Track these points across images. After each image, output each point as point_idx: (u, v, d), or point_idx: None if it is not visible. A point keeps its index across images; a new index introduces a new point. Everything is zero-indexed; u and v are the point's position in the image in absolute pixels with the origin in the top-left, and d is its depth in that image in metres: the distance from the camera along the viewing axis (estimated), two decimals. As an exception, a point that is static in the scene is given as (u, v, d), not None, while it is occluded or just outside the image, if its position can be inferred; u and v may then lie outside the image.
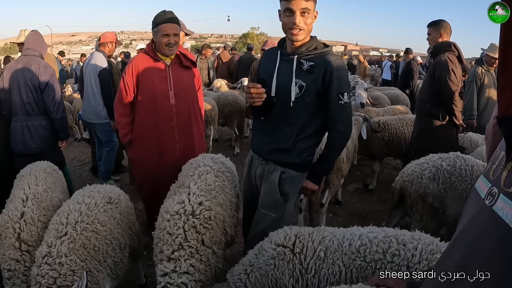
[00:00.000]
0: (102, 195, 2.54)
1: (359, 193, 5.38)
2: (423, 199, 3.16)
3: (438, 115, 4.07)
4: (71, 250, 2.14)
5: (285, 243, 1.93)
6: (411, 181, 3.21)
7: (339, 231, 1.98)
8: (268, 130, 2.40)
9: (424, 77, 4.42)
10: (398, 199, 3.40)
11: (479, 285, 0.76)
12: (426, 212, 3.19)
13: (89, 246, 2.24)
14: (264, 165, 2.46)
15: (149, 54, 3.33)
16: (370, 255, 1.78)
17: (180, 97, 3.39)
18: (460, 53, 4.02)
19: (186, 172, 2.72)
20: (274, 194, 2.38)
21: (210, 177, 2.60)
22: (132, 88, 3.32)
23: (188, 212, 2.20)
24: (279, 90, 2.28)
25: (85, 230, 2.25)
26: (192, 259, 2.07)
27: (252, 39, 60.82)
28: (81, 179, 5.81)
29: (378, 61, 24.74)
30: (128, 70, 3.31)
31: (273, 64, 2.33)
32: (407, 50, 10.60)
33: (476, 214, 0.89)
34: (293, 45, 2.26)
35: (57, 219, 2.30)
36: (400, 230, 1.93)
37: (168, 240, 2.10)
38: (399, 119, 5.24)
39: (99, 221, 2.35)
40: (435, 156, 3.27)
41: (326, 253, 1.85)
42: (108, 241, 2.38)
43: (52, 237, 2.18)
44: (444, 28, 4.11)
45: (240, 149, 7.21)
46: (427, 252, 1.73)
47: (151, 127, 3.36)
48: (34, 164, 3.02)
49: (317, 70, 2.19)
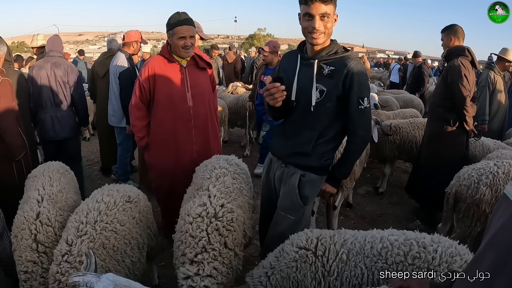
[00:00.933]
0: (121, 194, 2.55)
1: (370, 196, 5.39)
2: (477, 205, 3.14)
3: (450, 120, 4.06)
4: (90, 249, 2.11)
5: (307, 245, 1.95)
6: (468, 185, 3.20)
7: (360, 234, 2.01)
8: (288, 134, 2.41)
9: (437, 81, 4.40)
10: (453, 204, 3.37)
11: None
12: (477, 218, 3.18)
13: (108, 246, 2.24)
14: (284, 168, 2.46)
15: (165, 56, 3.32)
16: (392, 258, 1.80)
17: (197, 99, 3.40)
18: (474, 58, 4.02)
19: (202, 175, 2.72)
20: (293, 197, 2.39)
21: (228, 179, 2.61)
22: (148, 91, 3.32)
23: (210, 214, 2.19)
24: (300, 94, 2.28)
25: (105, 230, 2.26)
26: (215, 262, 2.06)
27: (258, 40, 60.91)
28: (91, 179, 5.84)
29: (385, 63, 24.65)
30: (144, 73, 3.29)
31: (293, 68, 2.32)
32: (416, 53, 10.53)
33: (509, 219, 0.91)
34: (314, 49, 2.25)
35: (76, 218, 2.30)
36: (420, 233, 1.94)
37: (191, 243, 2.09)
38: (410, 122, 5.24)
39: (118, 220, 2.36)
40: (490, 163, 3.27)
41: (348, 255, 1.87)
42: (127, 241, 2.38)
43: (72, 235, 2.17)
44: (456, 33, 4.11)
45: (250, 151, 7.24)
46: (447, 254, 1.76)
47: (168, 129, 3.37)
48: (46, 165, 3.00)
49: (338, 74, 2.19)
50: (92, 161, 6.79)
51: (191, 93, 3.36)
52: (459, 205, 3.31)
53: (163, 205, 3.66)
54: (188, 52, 3.26)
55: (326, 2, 2.06)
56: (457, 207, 3.34)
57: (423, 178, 4.45)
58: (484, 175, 3.17)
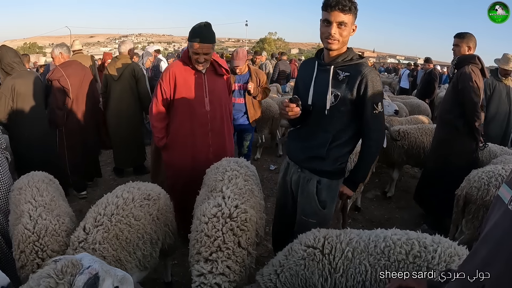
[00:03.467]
0: (141, 192, 2.70)
1: (378, 200, 5.44)
2: (487, 206, 3.20)
3: (459, 126, 4.11)
4: (105, 238, 2.30)
5: (315, 244, 2.05)
6: (478, 187, 3.27)
7: (365, 233, 2.10)
8: (303, 136, 2.52)
9: (447, 88, 4.44)
10: (463, 206, 3.44)
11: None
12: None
13: (121, 238, 2.39)
14: (300, 172, 2.56)
15: (185, 61, 3.45)
16: (394, 256, 1.90)
17: (214, 104, 3.54)
18: (484, 66, 4.07)
19: (214, 177, 2.80)
20: (312, 203, 2.50)
21: (240, 181, 2.69)
22: (169, 94, 3.45)
23: (225, 215, 2.27)
24: (316, 98, 2.39)
25: (119, 222, 2.41)
26: (228, 261, 2.14)
27: (269, 44, 60.94)
28: (104, 179, 5.93)
29: (395, 68, 24.60)
30: (166, 77, 3.43)
31: (310, 74, 2.43)
32: (427, 59, 10.53)
33: (500, 218, 1.02)
34: (330, 55, 2.35)
35: (95, 209, 2.48)
36: (421, 233, 2.05)
37: (207, 242, 2.18)
38: (418, 128, 5.29)
39: (133, 215, 2.51)
40: (498, 167, 3.35)
41: (353, 253, 1.97)
42: (140, 235, 2.52)
43: (90, 224, 2.35)
44: (469, 42, 4.14)
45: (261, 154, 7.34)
46: (445, 254, 1.86)
47: (187, 132, 3.50)
48: (30, 175, 2.96)
49: (352, 80, 2.29)
50: (104, 162, 6.85)
51: (209, 98, 3.51)
52: (469, 206, 3.38)
53: (176, 203, 3.76)
54: (199, 66, 3.39)
55: (345, 11, 2.15)
56: (467, 209, 3.40)
57: (431, 184, 4.49)
58: (493, 177, 3.24)
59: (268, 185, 5.84)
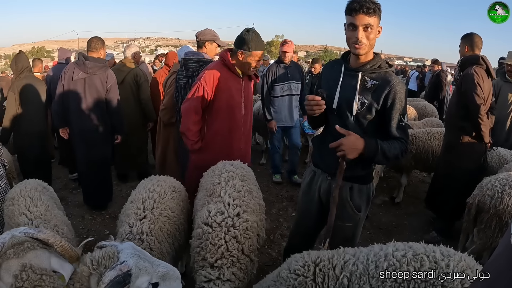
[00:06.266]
0: (168, 185, 2.81)
1: (386, 206, 5.35)
2: (500, 215, 3.12)
3: (465, 129, 4.02)
4: (152, 230, 2.39)
5: (305, 273, 1.91)
6: (492, 195, 3.18)
7: (362, 253, 1.93)
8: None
9: (453, 90, 4.34)
10: (475, 215, 3.35)
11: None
12: (498, 229, 3.15)
13: (164, 230, 2.49)
14: (330, 180, 2.49)
15: (227, 65, 3.41)
16: (401, 276, 1.73)
17: (247, 109, 3.59)
18: (489, 67, 3.96)
19: (211, 180, 2.77)
20: (348, 209, 2.45)
21: (237, 182, 2.68)
22: (209, 97, 3.38)
23: (228, 224, 2.29)
24: (341, 103, 2.33)
25: (161, 215, 2.52)
26: (233, 268, 2.18)
27: (276, 46, 61.01)
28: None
29: (403, 70, 24.40)
30: (209, 80, 3.34)
31: (336, 77, 2.37)
32: (435, 60, 10.38)
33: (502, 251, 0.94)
34: (357, 60, 2.30)
35: (134, 205, 2.55)
36: (426, 245, 1.87)
37: (212, 249, 2.20)
38: (426, 132, 5.20)
39: (169, 207, 2.63)
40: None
41: (350, 278, 1.82)
42: (176, 226, 2.64)
43: (133, 219, 2.42)
44: (472, 42, 4.06)
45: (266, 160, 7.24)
46: (459, 269, 1.70)
47: (225, 135, 3.50)
48: (22, 184, 2.80)
49: (380, 90, 2.24)
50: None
51: (244, 103, 3.54)
52: (481, 215, 3.28)
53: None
54: (252, 71, 3.51)
55: (370, 14, 2.10)
56: (479, 218, 3.31)
57: (440, 189, 4.41)
58: (507, 185, 3.14)
59: (274, 191, 5.76)
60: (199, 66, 3.93)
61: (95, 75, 4.52)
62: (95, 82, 4.52)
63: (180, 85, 4.09)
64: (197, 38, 4.18)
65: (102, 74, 4.57)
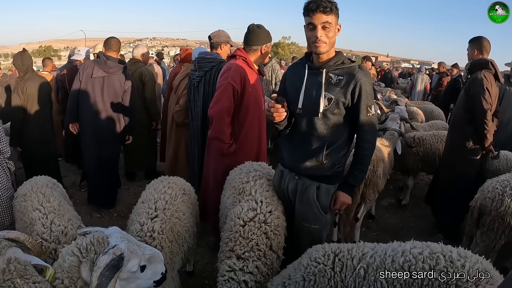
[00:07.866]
0: (178, 187, 2.85)
1: (392, 208, 5.35)
2: (502, 217, 3.12)
3: (469, 133, 4.01)
4: (163, 229, 2.43)
5: (325, 262, 1.98)
6: (492, 198, 3.18)
7: (380, 247, 2.00)
8: (297, 143, 2.50)
9: (460, 93, 4.32)
10: (477, 218, 3.35)
11: None
12: (501, 232, 3.15)
13: (174, 231, 2.53)
14: (297, 179, 2.53)
15: (247, 62, 3.39)
16: (416, 272, 1.77)
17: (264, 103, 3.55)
18: (497, 71, 3.95)
19: (239, 178, 2.83)
20: (314, 209, 2.48)
21: (264, 181, 2.76)
22: (239, 96, 3.31)
23: (261, 220, 2.37)
24: (307, 102, 2.37)
25: (172, 216, 2.56)
26: (258, 262, 2.25)
27: (283, 48, 60.95)
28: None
29: (410, 73, 24.26)
30: (237, 79, 3.24)
31: (301, 77, 2.41)
32: (454, 64, 10.31)
33: None
34: (320, 59, 2.35)
35: (145, 205, 2.59)
36: (444, 245, 1.90)
37: (242, 242, 2.28)
38: (433, 134, 5.20)
39: (180, 209, 2.67)
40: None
41: (367, 270, 1.87)
42: (186, 228, 2.68)
43: (144, 218, 2.46)
44: (481, 46, 4.06)
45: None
46: (474, 270, 1.71)
47: (255, 134, 3.49)
48: (32, 181, 2.84)
49: (346, 84, 2.29)
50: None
51: (263, 99, 3.55)
52: (483, 218, 3.27)
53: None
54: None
55: (327, 12, 2.15)
56: (481, 221, 3.30)
57: (440, 191, 4.45)
58: (508, 186, 3.14)
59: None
60: (212, 66, 3.94)
61: (115, 75, 4.57)
62: (114, 81, 4.58)
63: (193, 84, 4.10)
64: (211, 40, 4.16)
65: (121, 74, 4.62)
